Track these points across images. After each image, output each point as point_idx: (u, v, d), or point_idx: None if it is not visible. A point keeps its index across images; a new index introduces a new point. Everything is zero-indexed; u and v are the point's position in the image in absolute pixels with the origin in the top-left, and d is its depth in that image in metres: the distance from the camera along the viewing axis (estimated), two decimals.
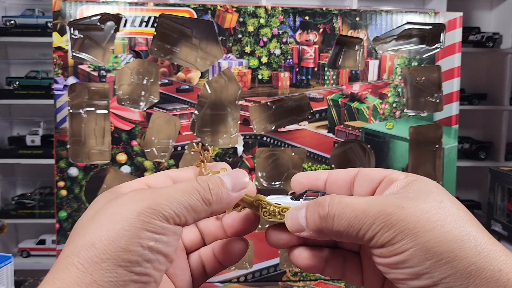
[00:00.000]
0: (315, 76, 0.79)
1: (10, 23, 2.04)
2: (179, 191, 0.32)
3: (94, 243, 0.29)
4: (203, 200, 0.32)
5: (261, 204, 0.35)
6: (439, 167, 0.81)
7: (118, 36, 0.74)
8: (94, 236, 0.29)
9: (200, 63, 0.77)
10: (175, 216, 0.31)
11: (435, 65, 0.80)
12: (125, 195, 0.32)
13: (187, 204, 0.32)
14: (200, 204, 0.32)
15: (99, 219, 0.30)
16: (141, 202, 0.31)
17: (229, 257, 0.37)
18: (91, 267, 0.29)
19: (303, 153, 0.78)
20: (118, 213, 0.30)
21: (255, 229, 0.38)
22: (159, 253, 0.30)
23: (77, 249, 0.29)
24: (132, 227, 0.30)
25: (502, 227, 0.96)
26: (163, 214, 0.30)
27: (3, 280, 0.60)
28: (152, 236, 0.30)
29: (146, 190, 0.32)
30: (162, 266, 0.31)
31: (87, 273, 0.28)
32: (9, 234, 2.08)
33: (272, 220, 0.35)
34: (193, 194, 0.32)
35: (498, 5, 2.29)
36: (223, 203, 0.34)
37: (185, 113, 0.76)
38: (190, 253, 0.38)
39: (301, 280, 0.79)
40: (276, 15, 0.77)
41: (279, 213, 0.35)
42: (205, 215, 0.33)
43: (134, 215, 0.30)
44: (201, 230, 0.38)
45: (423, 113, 0.80)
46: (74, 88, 0.75)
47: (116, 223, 0.30)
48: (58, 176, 0.74)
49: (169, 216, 0.31)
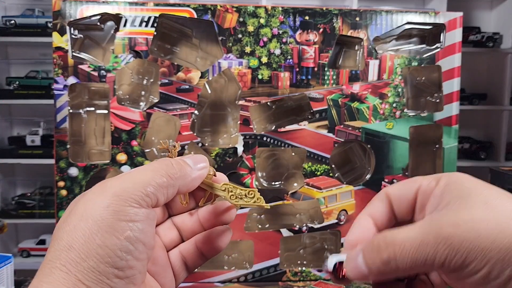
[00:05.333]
0: (315, 76, 0.79)
1: (10, 23, 2.04)
2: (142, 171, 0.32)
3: (71, 244, 0.29)
4: (168, 175, 0.32)
5: (227, 188, 0.36)
6: (439, 167, 0.81)
7: (118, 36, 0.74)
8: (70, 238, 0.29)
9: (200, 63, 0.77)
10: (145, 196, 0.31)
11: (435, 65, 0.80)
12: (90, 190, 0.32)
13: (154, 182, 0.31)
14: (166, 180, 0.32)
15: (72, 220, 0.30)
16: (107, 191, 0.30)
17: (214, 246, 0.37)
18: (73, 267, 0.29)
19: (303, 153, 0.78)
20: (87, 210, 0.30)
21: (232, 220, 0.38)
22: (136, 241, 0.30)
23: (57, 252, 0.29)
24: (104, 220, 0.29)
25: None
26: (133, 198, 0.30)
27: (3, 280, 0.60)
28: (126, 225, 0.30)
29: (108, 180, 0.32)
30: (142, 255, 0.31)
31: (71, 274, 0.28)
32: (9, 234, 2.08)
33: (239, 203, 0.36)
34: (158, 171, 0.32)
35: (498, 5, 2.29)
36: (187, 178, 0.34)
37: (185, 113, 0.76)
38: (169, 251, 0.38)
39: (301, 280, 0.79)
40: (276, 15, 0.77)
41: (245, 195, 0.36)
42: (173, 191, 0.33)
43: (103, 207, 0.30)
44: (178, 227, 0.38)
45: (423, 113, 0.80)
46: (74, 88, 0.75)
47: (87, 219, 0.29)
48: (58, 176, 0.74)
49: (139, 198, 0.30)
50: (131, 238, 0.30)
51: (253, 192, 0.35)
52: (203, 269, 0.76)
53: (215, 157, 0.77)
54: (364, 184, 0.80)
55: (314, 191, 0.79)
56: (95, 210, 0.30)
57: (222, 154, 0.77)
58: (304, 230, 0.79)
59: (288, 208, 0.79)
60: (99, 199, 0.30)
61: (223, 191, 0.36)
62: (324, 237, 0.81)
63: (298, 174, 0.79)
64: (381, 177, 0.80)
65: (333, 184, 0.79)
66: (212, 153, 0.77)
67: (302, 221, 0.79)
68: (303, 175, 0.79)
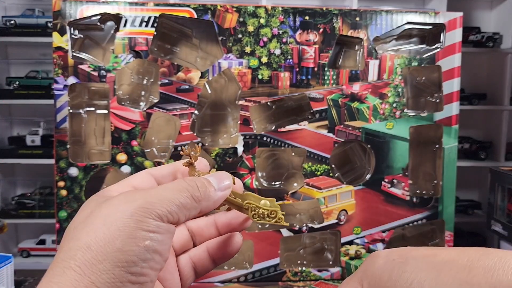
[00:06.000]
0: (315, 76, 0.79)
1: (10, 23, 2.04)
2: (169, 190, 0.33)
3: (89, 245, 0.29)
4: (192, 197, 0.33)
5: (251, 207, 0.37)
6: (439, 167, 0.81)
7: (118, 36, 0.74)
8: (89, 238, 0.30)
9: (200, 63, 0.77)
10: (168, 213, 0.32)
11: (435, 65, 0.80)
12: (116, 197, 0.32)
13: (178, 201, 0.32)
14: (190, 201, 0.33)
15: (93, 222, 0.31)
16: (134, 202, 0.31)
17: (225, 253, 0.38)
18: (88, 269, 0.29)
19: (303, 153, 0.78)
20: (111, 215, 0.31)
21: (249, 226, 0.38)
22: (154, 252, 0.31)
23: (73, 252, 0.29)
24: (127, 227, 0.30)
25: (502, 227, 0.96)
26: (157, 212, 0.31)
27: (3, 280, 0.60)
28: (147, 235, 0.30)
29: (137, 191, 0.33)
30: (158, 265, 0.31)
31: (85, 276, 0.28)
32: (9, 234, 2.08)
33: (261, 222, 0.36)
34: (183, 192, 0.33)
35: (498, 5, 2.29)
36: (210, 200, 0.35)
37: (185, 113, 0.76)
38: (178, 256, 0.39)
39: (301, 280, 0.79)
40: (276, 15, 0.77)
41: (268, 215, 0.36)
42: (195, 212, 0.34)
43: (127, 215, 0.30)
44: (192, 231, 0.39)
45: (423, 113, 0.80)
46: (74, 88, 0.75)
47: (110, 224, 0.30)
48: (58, 176, 0.74)
49: (162, 214, 0.31)
50: (149, 248, 0.30)
51: (275, 212, 0.36)
52: None
53: (215, 157, 0.77)
54: (364, 184, 0.80)
55: (314, 191, 0.79)
56: (119, 216, 0.30)
57: (222, 154, 0.77)
58: (304, 230, 0.79)
59: (288, 208, 0.79)
60: (124, 207, 0.31)
61: (246, 210, 0.37)
62: (324, 237, 0.81)
63: (298, 174, 0.79)
64: (381, 177, 0.80)
65: (333, 184, 0.79)
66: (212, 153, 0.77)
67: (302, 221, 0.79)
68: (303, 175, 0.79)
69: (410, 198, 0.81)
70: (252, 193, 0.37)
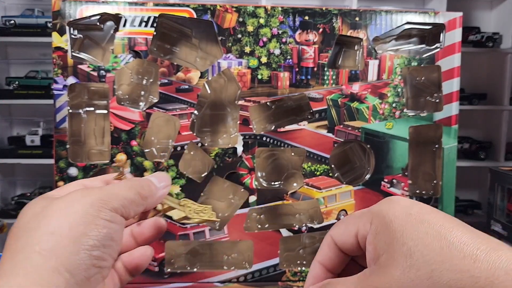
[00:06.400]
0: (314, 76, 0.79)
1: (10, 23, 2.04)
2: (121, 187, 0.37)
3: (53, 231, 0.31)
4: (139, 195, 0.38)
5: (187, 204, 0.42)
6: (439, 167, 0.81)
7: (117, 36, 0.74)
8: (51, 226, 0.31)
9: (199, 63, 0.77)
10: (121, 207, 0.35)
11: (435, 65, 0.80)
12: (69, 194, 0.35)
13: (129, 198, 0.36)
14: (138, 198, 0.37)
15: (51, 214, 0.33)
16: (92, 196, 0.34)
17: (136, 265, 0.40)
18: (55, 251, 0.30)
19: (302, 153, 0.78)
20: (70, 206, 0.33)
21: (162, 234, 0.42)
22: (112, 240, 0.34)
23: (35, 239, 0.31)
24: (89, 215, 0.33)
25: (502, 227, 0.96)
26: (113, 205, 0.35)
27: None
28: (106, 223, 0.33)
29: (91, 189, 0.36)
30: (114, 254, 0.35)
31: (52, 258, 0.30)
32: None
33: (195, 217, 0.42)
34: (132, 189, 0.37)
35: (498, 5, 2.29)
36: (154, 197, 0.39)
37: (185, 113, 0.76)
38: None
39: (301, 280, 0.79)
40: (275, 15, 0.77)
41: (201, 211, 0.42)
42: (142, 209, 0.38)
43: (88, 205, 0.33)
44: None
45: (423, 113, 0.80)
46: (74, 88, 0.75)
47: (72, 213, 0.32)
48: (58, 176, 0.74)
49: (117, 207, 0.35)
50: (108, 235, 0.33)
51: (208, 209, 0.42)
52: (202, 269, 0.76)
53: (214, 157, 0.77)
54: (363, 184, 0.80)
55: (314, 191, 0.79)
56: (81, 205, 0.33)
57: (222, 154, 0.77)
58: (304, 230, 0.79)
59: (287, 208, 0.79)
60: (83, 200, 0.34)
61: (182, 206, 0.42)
62: (323, 237, 0.81)
63: (297, 174, 0.79)
64: (380, 177, 0.80)
65: (333, 184, 0.79)
66: (211, 153, 0.77)
67: (301, 221, 0.79)
68: (302, 175, 0.79)
69: (410, 198, 0.81)
70: None
